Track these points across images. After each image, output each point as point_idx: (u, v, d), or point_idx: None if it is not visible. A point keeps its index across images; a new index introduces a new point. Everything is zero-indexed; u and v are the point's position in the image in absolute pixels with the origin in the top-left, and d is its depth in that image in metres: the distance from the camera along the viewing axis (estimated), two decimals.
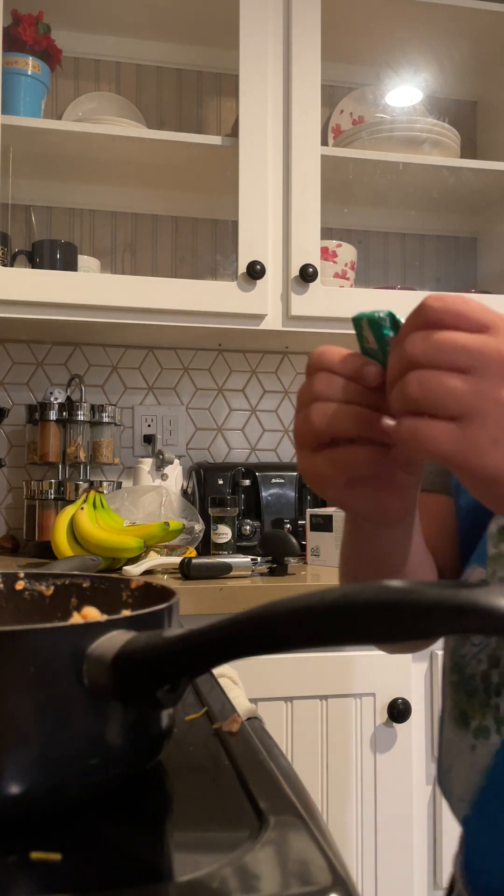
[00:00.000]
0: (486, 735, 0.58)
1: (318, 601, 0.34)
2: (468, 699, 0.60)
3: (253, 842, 0.33)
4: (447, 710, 0.64)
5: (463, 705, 0.61)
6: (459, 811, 0.60)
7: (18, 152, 1.65)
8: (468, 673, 0.60)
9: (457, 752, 0.61)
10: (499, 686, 0.58)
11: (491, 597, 0.32)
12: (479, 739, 0.58)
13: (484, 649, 0.60)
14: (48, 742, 0.37)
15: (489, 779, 0.57)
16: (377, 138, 1.77)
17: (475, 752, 0.58)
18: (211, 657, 0.37)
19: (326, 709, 1.31)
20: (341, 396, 0.48)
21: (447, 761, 0.63)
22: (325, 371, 0.49)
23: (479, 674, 0.59)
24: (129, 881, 0.32)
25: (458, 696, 0.61)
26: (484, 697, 0.59)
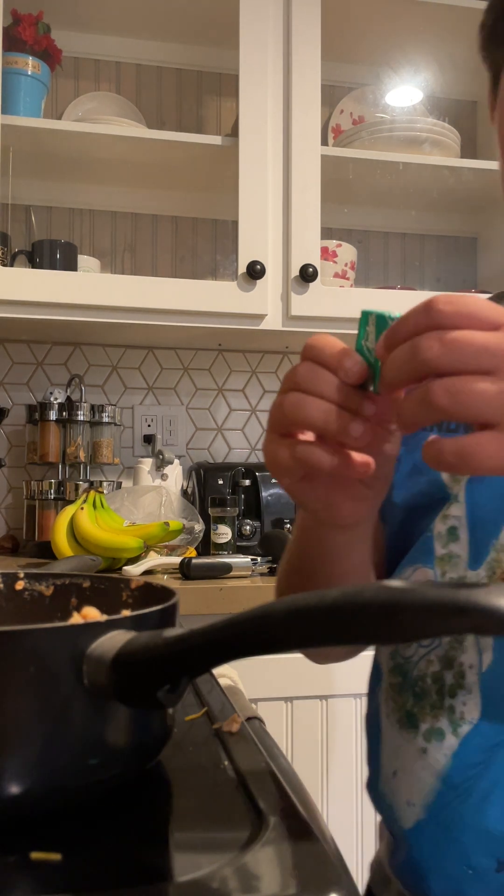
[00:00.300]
0: (440, 737, 0.57)
1: (318, 601, 0.34)
2: (417, 701, 0.59)
3: (253, 842, 0.33)
4: (386, 714, 0.62)
5: (410, 708, 0.59)
6: (409, 816, 0.58)
7: (18, 152, 1.65)
8: (415, 675, 0.59)
9: (403, 756, 0.60)
10: (453, 687, 0.57)
11: (491, 597, 0.32)
12: (431, 742, 0.58)
13: (434, 650, 0.59)
14: (48, 742, 0.37)
15: (446, 781, 0.56)
16: (377, 138, 1.77)
17: (427, 755, 0.58)
18: (211, 657, 0.37)
19: (326, 709, 1.31)
20: (319, 390, 0.47)
21: (389, 766, 0.61)
22: (311, 361, 0.49)
23: (429, 675, 0.59)
24: (129, 881, 0.32)
25: (402, 699, 0.60)
26: (436, 699, 0.58)
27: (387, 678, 0.63)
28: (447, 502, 0.62)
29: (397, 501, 0.66)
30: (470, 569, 0.59)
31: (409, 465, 0.65)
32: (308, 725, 1.30)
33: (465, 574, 0.59)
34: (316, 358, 0.49)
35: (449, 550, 0.60)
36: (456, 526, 0.60)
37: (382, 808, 0.62)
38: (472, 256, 2.13)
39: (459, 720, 0.57)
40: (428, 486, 0.63)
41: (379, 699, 0.64)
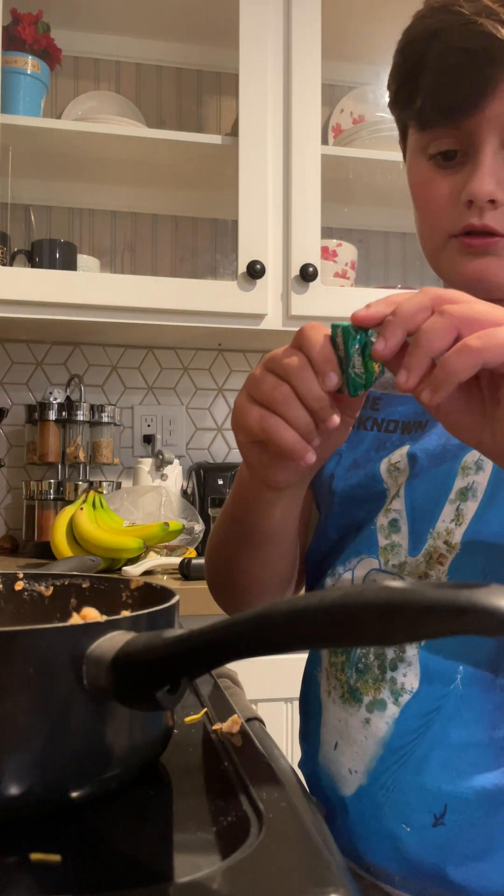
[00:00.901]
0: (382, 707, 0.63)
1: (318, 602, 0.34)
2: (360, 677, 0.65)
3: (253, 842, 0.33)
4: (327, 692, 0.68)
5: (353, 683, 0.65)
6: (351, 783, 0.64)
7: (18, 152, 1.65)
8: (358, 653, 0.66)
9: (345, 729, 0.65)
10: (394, 661, 0.63)
11: (491, 597, 0.32)
12: (374, 713, 0.63)
13: None
14: (48, 743, 0.36)
15: (387, 746, 0.62)
16: (378, 137, 1.77)
17: (370, 724, 0.64)
18: (211, 658, 0.36)
19: None
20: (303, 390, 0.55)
21: (330, 739, 0.67)
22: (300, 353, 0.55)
23: (371, 652, 0.65)
24: (129, 882, 0.32)
25: (344, 676, 0.66)
26: (378, 673, 0.64)
27: (328, 659, 0.69)
28: (385, 496, 0.68)
29: (336, 490, 0.72)
30: (410, 555, 0.65)
31: (350, 459, 0.72)
32: None
33: (405, 560, 0.65)
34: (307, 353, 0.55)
35: (391, 541, 0.67)
36: (397, 518, 0.67)
37: (320, 780, 0.67)
38: None
39: (400, 690, 0.63)
40: (365, 479, 0.70)
41: (318, 679, 0.71)
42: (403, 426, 0.71)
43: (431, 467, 0.66)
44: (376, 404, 0.74)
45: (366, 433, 0.73)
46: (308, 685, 0.73)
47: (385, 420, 0.72)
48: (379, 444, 0.71)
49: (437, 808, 0.59)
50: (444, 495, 0.65)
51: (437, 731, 0.61)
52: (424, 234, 0.72)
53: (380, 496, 0.69)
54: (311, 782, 0.69)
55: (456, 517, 0.64)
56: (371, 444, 0.72)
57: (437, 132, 0.66)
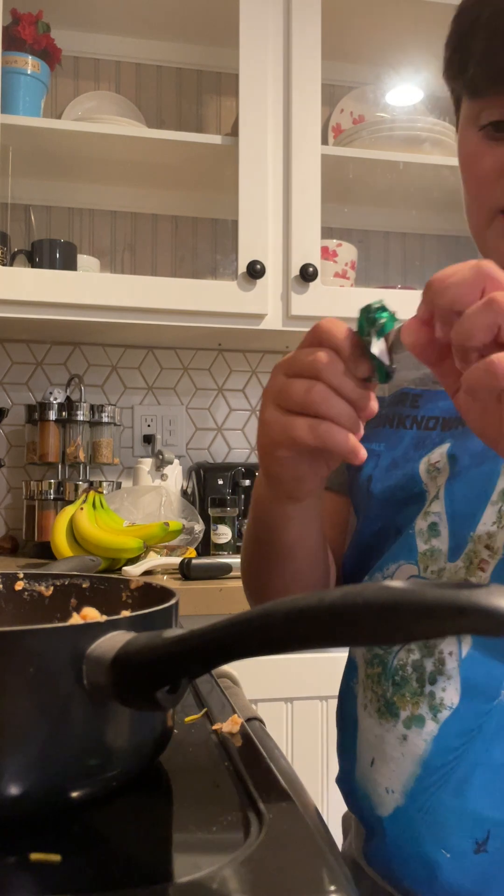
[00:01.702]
0: (420, 723, 0.59)
1: (318, 602, 0.34)
2: (396, 690, 0.61)
3: (253, 842, 0.33)
4: (363, 705, 0.65)
5: (389, 697, 0.62)
6: (387, 803, 0.60)
7: (18, 152, 1.65)
8: (395, 664, 0.62)
9: (381, 745, 0.61)
10: (433, 674, 0.60)
11: (491, 597, 0.32)
12: (411, 729, 0.60)
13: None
14: (47, 743, 0.36)
15: (426, 766, 0.58)
16: (378, 137, 1.77)
17: (407, 741, 0.60)
18: (211, 658, 0.36)
19: (326, 709, 1.31)
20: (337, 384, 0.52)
21: (366, 756, 0.63)
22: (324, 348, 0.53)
23: (409, 664, 0.61)
24: (129, 882, 0.32)
25: (381, 689, 0.62)
26: (416, 687, 0.60)
27: (364, 670, 0.65)
28: (425, 498, 0.65)
29: (375, 493, 0.69)
30: (449, 561, 0.62)
31: (389, 459, 0.69)
32: (308, 726, 1.30)
33: (444, 566, 0.62)
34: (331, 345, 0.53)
35: (430, 546, 0.64)
36: (436, 522, 0.64)
37: (357, 799, 0.64)
38: (472, 256, 2.10)
39: (439, 706, 0.59)
40: (404, 480, 0.67)
41: (355, 691, 0.67)
42: (444, 423, 0.67)
43: (472, 467, 0.63)
44: (416, 402, 0.70)
45: (405, 432, 0.69)
46: (344, 697, 0.69)
47: (425, 417, 0.69)
48: (418, 441, 0.68)
49: (479, 833, 0.56)
50: (485, 497, 0.61)
51: (479, 751, 0.57)
52: (470, 209, 0.68)
53: (419, 498, 0.66)
54: (349, 800, 0.66)
55: (498, 520, 0.60)
56: (410, 443, 0.68)
57: (489, 101, 0.62)
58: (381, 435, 0.71)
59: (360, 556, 0.71)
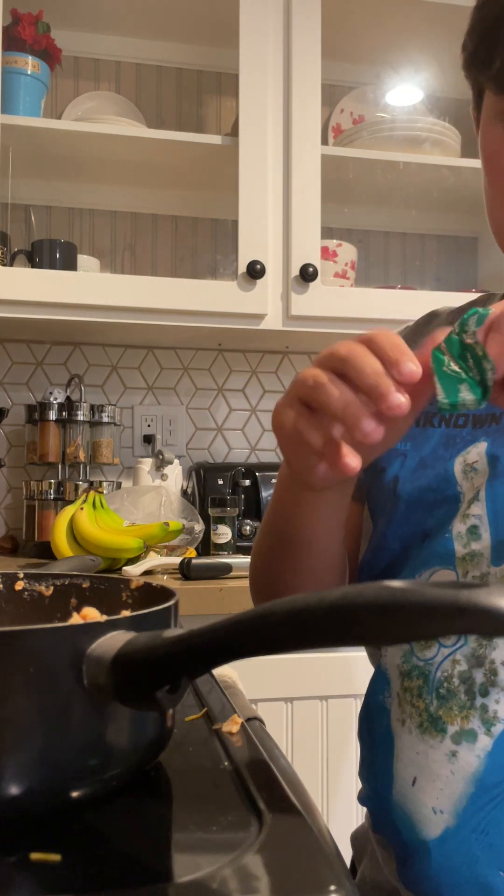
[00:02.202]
0: (471, 738, 0.56)
1: (318, 602, 0.34)
2: (442, 704, 0.58)
3: (253, 842, 0.33)
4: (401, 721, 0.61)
5: (434, 711, 0.58)
6: (435, 825, 0.56)
7: (18, 152, 1.65)
8: (439, 676, 0.59)
9: (426, 762, 0.58)
10: (484, 686, 0.57)
11: (492, 597, 0.32)
12: (461, 744, 0.57)
13: (459, 649, 0.58)
14: (47, 743, 0.36)
15: (480, 783, 0.55)
16: (378, 137, 1.77)
17: (457, 758, 0.57)
18: (211, 658, 0.36)
19: (326, 709, 1.31)
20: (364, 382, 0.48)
21: (407, 775, 0.59)
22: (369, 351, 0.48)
23: (456, 675, 0.58)
24: (129, 882, 0.32)
25: (423, 703, 0.59)
26: (465, 700, 0.57)
27: (399, 683, 0.62)
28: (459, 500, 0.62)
29: (402, 494, 0.66)
30: (493, 565, 0.59)
31: (416, 459, 0.66)
32: (308, 725, 1.30)
33: (487, 571, 0.59)
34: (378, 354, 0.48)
35: (471, 550, 0.60)
36: (477, 525, 0.60)
37: (393, 820, 0.60)
38: (472, 256, 2.12)
39: (493, 719, 0.56)
40: (435, 481, 0.63)
41: (387, 706, 0.63)
42: (474, 420, 0.65)
43: None
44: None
45: (433, 430, 0.66)
46: (373, 713, 0.65)
47: (453, 415, 0.66)
48: (447, 440, 0.65)
49: None
50: None
51: None
52: (493, 208, 0.66)
53: (453, 500, 0.63)
54: (382, 821, 0.63)
55: None
56: (439, 442, 0.66)
57: None
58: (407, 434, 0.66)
59: (384, 562, 0.68)
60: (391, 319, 1.68)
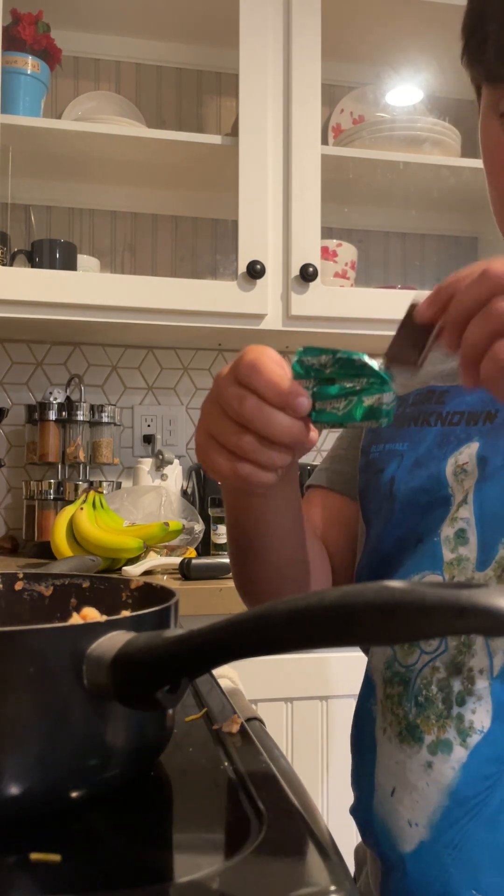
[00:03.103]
0: (447, 749, 0.54)
1: (318, 602, 0.34)
2: (420, 712, 0.56)
3: (253, 842, 0.33)
4: (382, 729, 0.59)
5: (412, 720, 0.56)
6: (410, 838, 0.54)
7: (18, 152, 1.65)
8: (419, 684, 0.57)
9: (403, 773, 0.56)
10: (461, 695, 0.55)
11: (491, 597, 0.32)
12: (437, 755, 0.54)
13: (440, 656, 0.57)
14: (48, 743, 0.36)
15: (454, 796, 0.53)
16: (378, 137, 1.77)
17: (432, 769, 0.54)
18: (211, 658, 0.36)
19: (326, 709, 1.31)
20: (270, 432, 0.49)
21: (386, 784, 0.57)
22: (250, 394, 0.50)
23: (435, 682, 0.56)
24: (129, 882, 0.32)
25: (402, 710, 0.57)
26: (442, 709, 0.55)
27: (382, 690, 0.60)
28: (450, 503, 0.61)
29: (398, 494, 0.64)
30: (478, 570, 0.58)
31: (412, 459, 0.65)
32: (308, 726, 1.30)
33: (472, 576, 0.58)
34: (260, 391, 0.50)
35: (458, 554, 0.59)
36: (464, 528, 0.59)
37: (374, 832, 0.59)
38: (472, 256, 2.12)
39: (468, 730, 0.54)
40: (428, 482, 0.62)
41: (373, 713, 0.61)
42: (469, 417, 0.63)
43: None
44: (442, 398, 0.66)
45: (429, 429, 0.65)
46: (361, 721, 0.64)
47: (450, 413, 0.64)
48: (442, 439, 0.63)
49: None
50: None
51: None
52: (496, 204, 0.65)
53: (444, 502, 0.61)
54: (366, 833, 0.61)
55: None
56: (434, 441, 0.64)
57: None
58: (405, 435, 0.67)
59: (378, 565, 0.66)
60: (391, 319, 1.67)
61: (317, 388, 0.50)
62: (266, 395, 0.50)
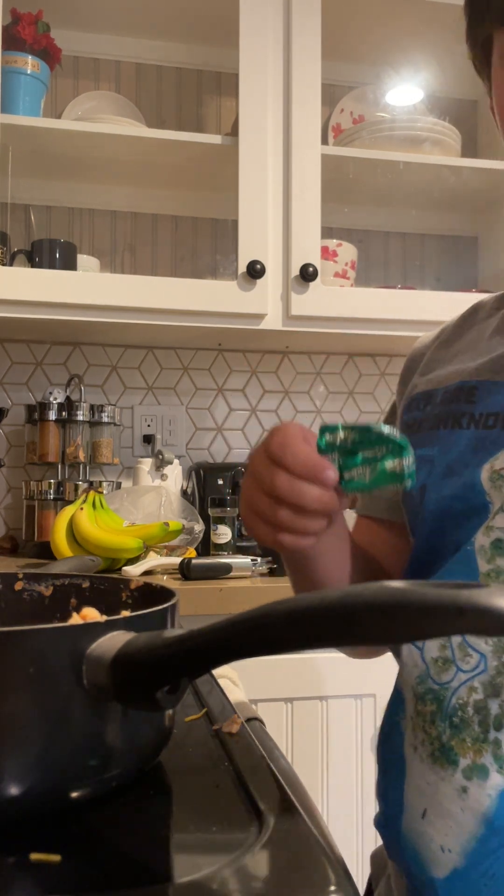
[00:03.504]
0: (483, 775, 0.53)
1: (318, 602, 0.34)
2: (455, 733, 0.54)
3: (253, 842, 0.33)
4: (413, 746, 0.57)
5: (446, 741, 0.55)
6: (443, 864, 0.53)
7: (18, 151, 1.65)
8: (454, 703, 0.55)
9: (435, 795, 0.54)
10: (499, 718, 0.53)
11: (491, 597, 0.32)
12: (473, 780, 0.53)
13: (478, 676, 0.55)
14: (48, 743, 0.36)
15: (490, 824, 0.51)
16: (378, 137, 1.76)
17: (467, 794, 0.53)
18: (210, 658, 0.36)
19: (326, 709, 1.31)
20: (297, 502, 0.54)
21: (416, 805, 0.56)
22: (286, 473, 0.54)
23: (471, 704, 0.54)
24: (129, 882, 0.32)
25: (436, 730, 0.56)
26: (479, 732, 0.53)
27: (413, 706, 0.58)
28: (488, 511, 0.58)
29: (428, 504, 0.62)
30: None
31: (443, 465, 0.62)
32: (308, 726, 1.30)
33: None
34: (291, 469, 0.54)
35: (496, 565, 0.56)
36: (501, 538, 0.56)
37: (402, 852, 0.57)
38: (472, 256, 2.12)
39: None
40: (462, 489, 0.59)
41: (402, 728, 0.59)
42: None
43: None
44: (472, 395, 0.62)
45: (461, 432, 0.61)
46: (388, 734, 0.62)
47: (483, 414, 0.60)
48: (477, 443, 0.60)
49: None
50: None
51: None
52: None
53: (480, 510, 0.58)
54: (392, 849, 0.59)
55: None
56: (467, 445, 0.60)
57: None
58: (434, 438, 0.63)
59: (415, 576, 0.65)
60: (391, 319, 1.68)
61: (341, 459, 0.55)
62: (296, 471, 0.54)
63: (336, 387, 2.01)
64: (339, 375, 2.01)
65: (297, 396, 2.00)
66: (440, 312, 1.73)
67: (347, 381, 2.02)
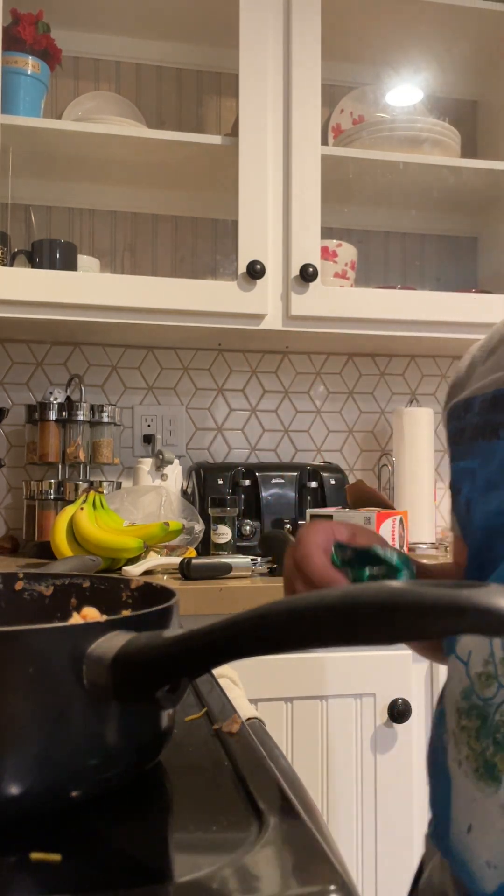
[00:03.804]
0: None
1: (318, 601, 0.34)
2: (498, 750, 0.54)
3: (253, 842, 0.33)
4: (457, 761, 0.57)
5: (490, 757, 0.54)
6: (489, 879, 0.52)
7: (18, 152, 1.65)
8: (497, 718, 0.54)
9: (480, 811, 0.54)
10: None
11: (491, 597, 0.32)
12: None
13: None
14: (48, 742, 0.36)
15: None
16: (377, 138, 1.76)
17: None
18: (211, 658, 0.36)
19: (326, 709, 1.31)
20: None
21: (462, 819, 0.55)
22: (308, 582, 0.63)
23: None
24: (129, 882, 0.32)
25: (480, 745, 0.55)
26: None
27: (456, 720, 0.58)
28: None
29: (475, 518, 0.61)
30: None
31: (484, 479, 0.60)
32: (308, 726, 1.30)
33: None
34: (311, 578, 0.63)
35: None
36: None
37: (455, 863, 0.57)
38: (472, 256, 2.12)
39: None
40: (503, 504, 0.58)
41: (444, 743, 0.59)
42: None
43: None
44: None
45: (498, 443, 0.59)
46: (434, 747, 0.62)
47: None
48: None
49: None
50: None
51: None
52: None
53: None
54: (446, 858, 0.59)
55: None
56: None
57: None
58: (474, 450, 0.62)
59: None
60: (391, 319, 1.68)
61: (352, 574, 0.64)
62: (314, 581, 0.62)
63: (336, 387, 2.01)
64: (338, 375, 2.02)
65: (297, 396, 2.00)
66: (440, 312, 1.74)
67: (347, 381, 2.02)
